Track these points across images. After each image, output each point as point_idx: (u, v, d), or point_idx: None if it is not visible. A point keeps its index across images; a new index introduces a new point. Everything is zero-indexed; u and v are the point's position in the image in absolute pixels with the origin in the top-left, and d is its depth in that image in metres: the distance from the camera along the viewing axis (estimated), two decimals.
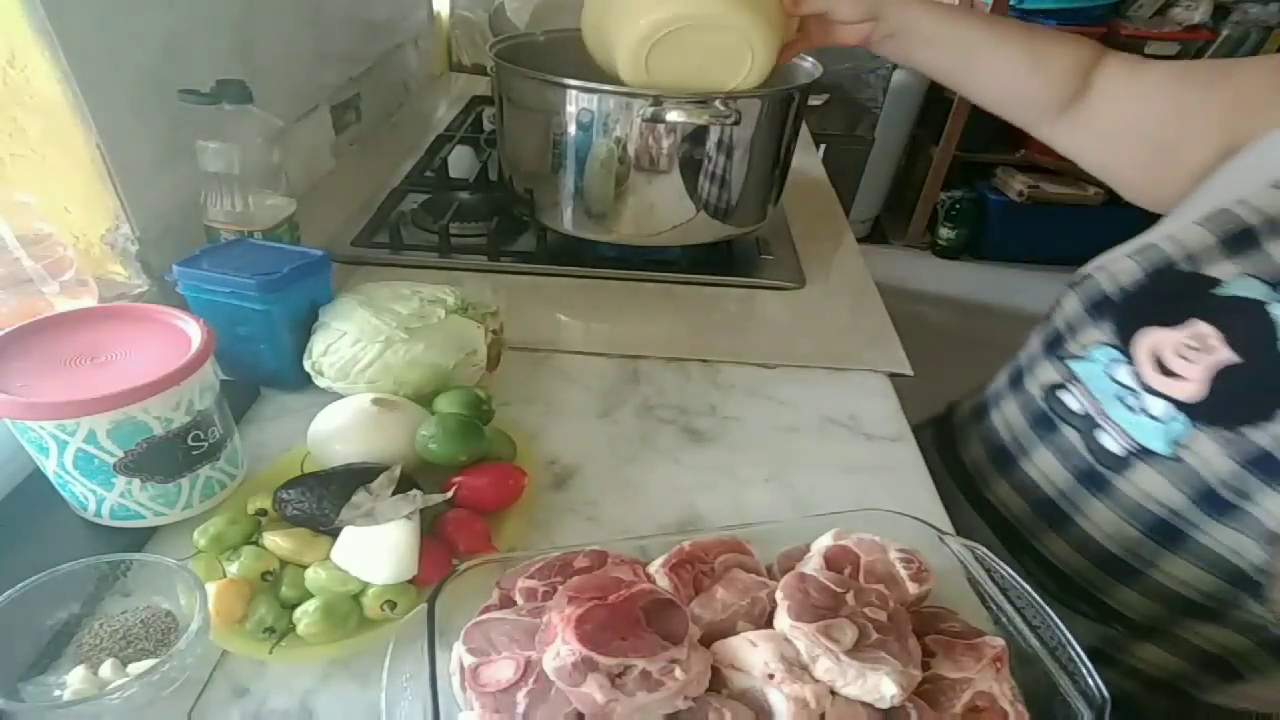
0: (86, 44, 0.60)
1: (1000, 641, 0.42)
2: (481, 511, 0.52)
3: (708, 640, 0.40)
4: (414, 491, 0.50)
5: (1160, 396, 0.55)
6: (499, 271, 0.87)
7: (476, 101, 1.37)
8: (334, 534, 0.48)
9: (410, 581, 0.46)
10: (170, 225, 0.72)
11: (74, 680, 0.41)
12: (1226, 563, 0.55)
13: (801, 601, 0.41)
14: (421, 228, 0.94)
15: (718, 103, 0.74)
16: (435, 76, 1.57)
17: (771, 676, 0.37)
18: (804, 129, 1.28)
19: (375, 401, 0.56)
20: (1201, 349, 0.53)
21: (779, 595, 0.42)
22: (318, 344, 0.62)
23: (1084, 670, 0.39)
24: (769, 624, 0.42)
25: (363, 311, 0.61)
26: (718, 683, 0.39)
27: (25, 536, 0.51)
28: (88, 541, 0.50)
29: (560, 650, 0.36)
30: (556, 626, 0.37)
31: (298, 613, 0.44)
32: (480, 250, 0.90)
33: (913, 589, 0.45)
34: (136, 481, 0.48)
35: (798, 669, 0.38)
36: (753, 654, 0.38)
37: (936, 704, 0.39)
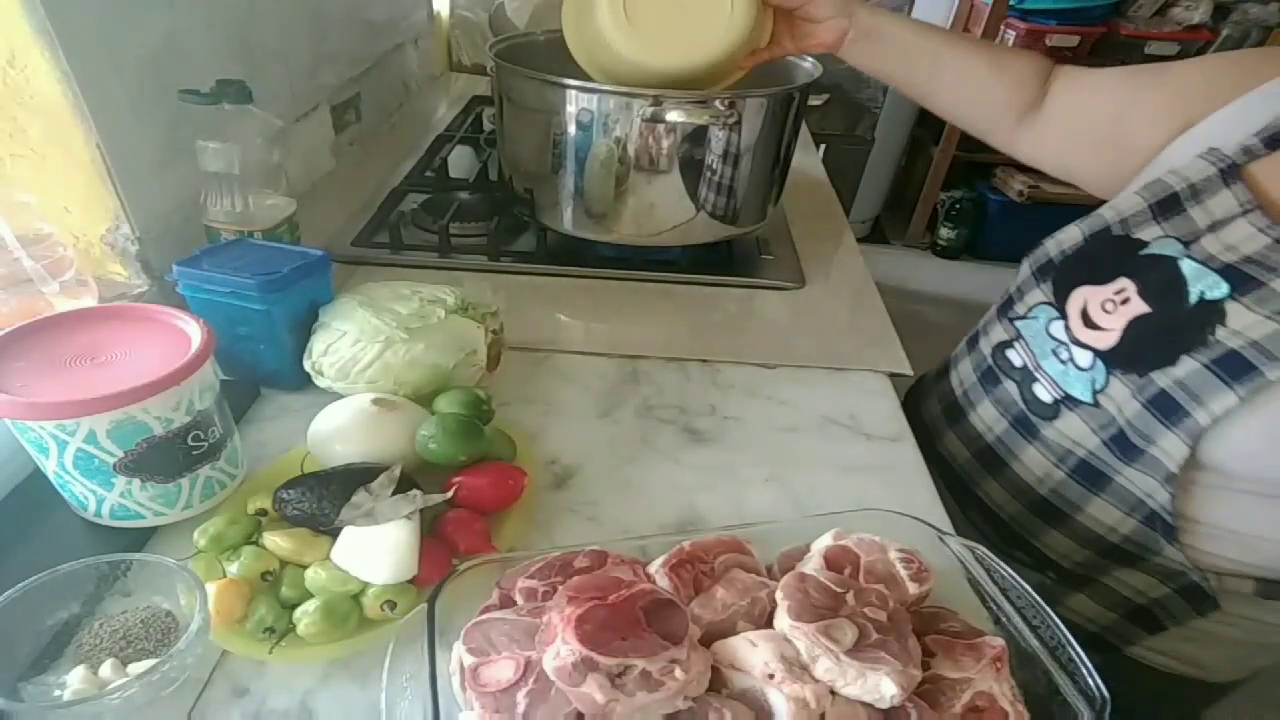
0: (86, 44, 0.60)
1: (1000, 641, 0.42)
2: (481, 511, 0.52)
3: (708, 640, 0.40)
4: (414, 491, 0.50)
5: (1085, 347, 0.60)
6: (499, 271, 0.87)
7: (476, 101, 1.37)
8: (334, 534, 0.48)
9: (410, 581, 0.46)
10: (170, 225, 0.72)
11: (74, 680, 0.41)
12: (1143, 505, 0.59)
13: (801, 601, 0.41)
14: (421, 228, 0.94)
15: (718, 103, 0.74)
16: (435, 76, 1.57)
17: (771, 676, 0.37)
18: (804, 129, 1.28)
19: (375, 401, 0.56)
20: (1121, 302, 0.59)
21: (779, 595, 0.42)
22: (318, 344, 0.62)
23: (1084, 670, 0.39)
24: (769, 624, 0.42)
25: (363, 311, 0.61)
26: (718, 683, 0.39)
27: (25, 536, 0.51)
28: (88, 541, 0.50)
29: (560, 650, 0.36)
30: (556, 626, 0.37)
31: (298, 613, 0.44)
32: (480, 250, 0.90)
33: (913, 589, 0.45)
34: (136, 481, 0.48)
35: (798, 669, 0.38)
36: (753, 654, 0.38)
37: (936, 704, 0.39)
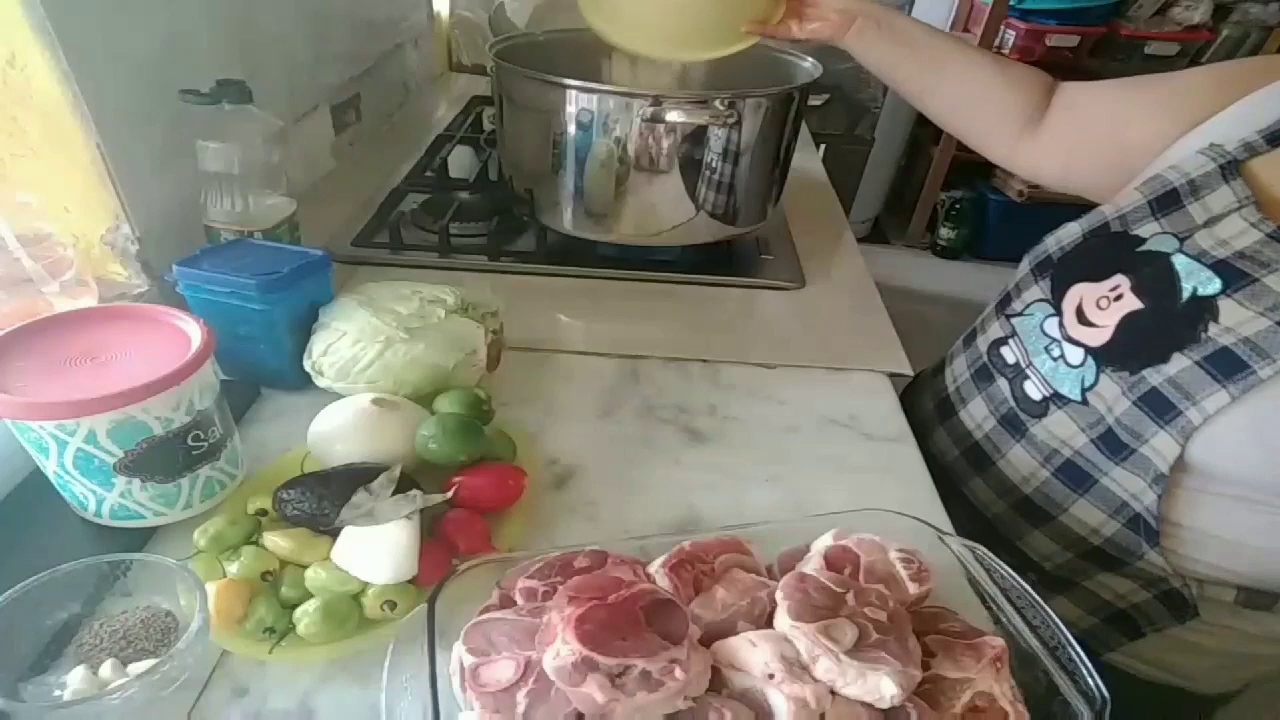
0: (86, 44, 0.60)
1: (1000, 641, 0.42)
2: (481, 511, 0.52)
3: (708, 640, 0.40)
4: (414, 491, 0.50)
5: (1077, 344, 0.60)
6: (499, 271, 0.87)
7: (476, 101, 1.37)
8: (334, 534, 0.48)
9: (410, 581, 0.46)
10: (170, 225, 0.72)
11: (74, 680, 0.41)
12: (1127, 508, 0.59)
13: (801, 601, 0.41)
14: (421, 228, 0.94)
15: (718, 103, 0.74)
16: (435, 76, 1.57)
17: (771, 676, 0.37)
18: (804, 129, 1.28)
19: (375, 401, 0.56)
20: (1115, 299, 0.58)
21: (779, 595, 0.42)
22: (318, 344, 0.62)
23: (1084, 670, 0.39)
24: (769, 624, 0.42)
25: (363, 311, 0.61)
26: (718, 683, 0.39)
27: (25, 536, 0.51)
28: (88, 541, 0.50)
29: (560, 650, 0.36)
30: (556, 626, 0.37)
31: (298, 613, 0.44)
32: (480, 250, 0.90)
33: (913, 589, 0.45)
34: (136, 481, 0.48)
35: (798, 669, 0.38)
36: (753, 654, 0.38)
37: (936, 704, 0.39)
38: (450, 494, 0.51)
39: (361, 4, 1.16)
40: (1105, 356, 0.58)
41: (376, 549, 0.46)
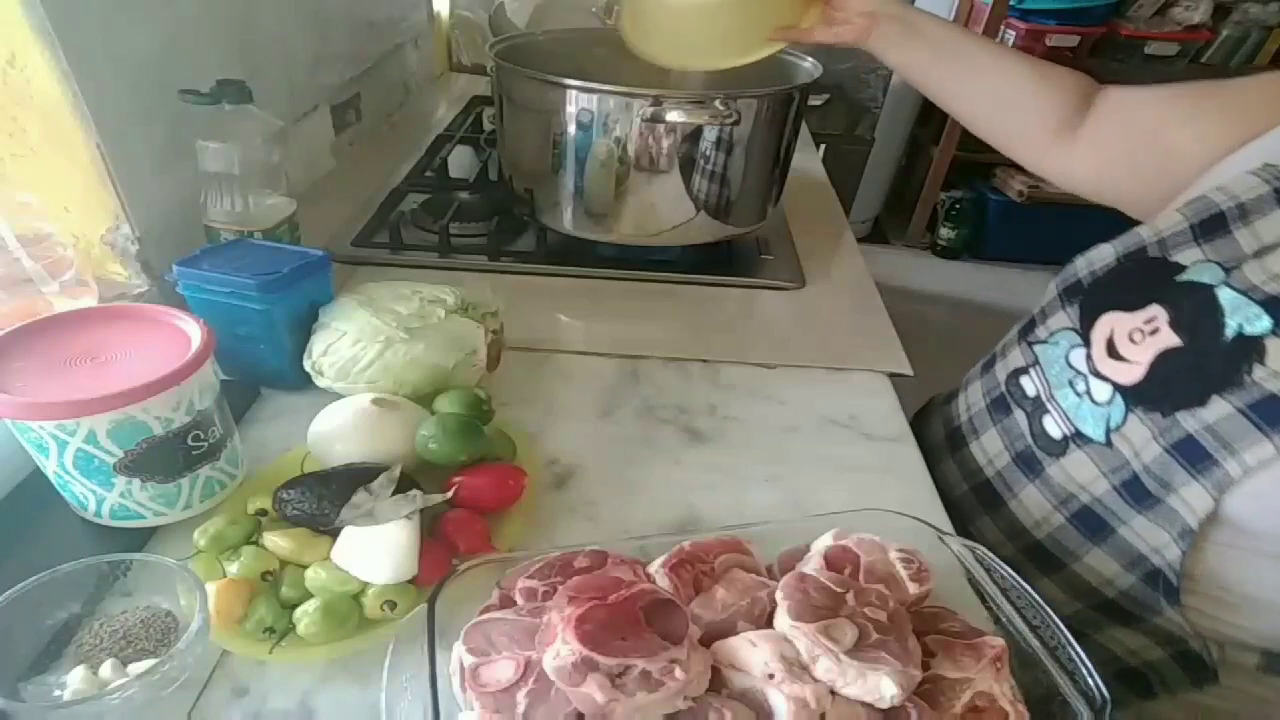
0: (86, 44, 0.60)
1: (1000, 641, 0.42)
2: (481, 511, 0.52)
3: (708, 640, 0.40)
4: (414, 491, 0.50)
5: (1105, 380, 0.55)
6: (499, 271, 0.87)
7: (476, 101, 1.37)
8: (334, 534, 0.48)
9: (410, 581, 0.46)
10: (170, 225, 0.72)
11: (74, 680, 0.41)
12: (1146, 562, 0.54)
13: (801, 601, 0.41)
14: (421, 228, 0.94)
15: (717, 103, 0.74)
16: (435, 76, 1.57)
17: (771, 676, 0.37)
18: (804, 129, 1.28)
19: (375, 401, 0.56)
20: (1150, 333, 0.53)
21: (779, 595, 0.42)
22: (318, 344, 0.62)
23: (1084, 670, 0.39)
24: (769, 624, 0.42)
25: (363, 311, 0.61)
26: (718, 683, 0.39)
27: (25, 536, 0.51)
28: (88, 541, 0.50)
29: (560, 650, 0.36)
30: (556, 626, 0.37)
31: (298, 613, 0.44)
32: (480, 250, 0.90)
33: (913, 589, 0.45)
34: (136, 481, 0.48)
35: (798, 669, 0.38)
36: (753, 654, 0.38)
37: (936, 704, 0.39)
38: (450, 494, 0.51)
39: (361, 4, 1.16)
40: (1135, 396, 0.52)
41: (376, 549, 0.46)
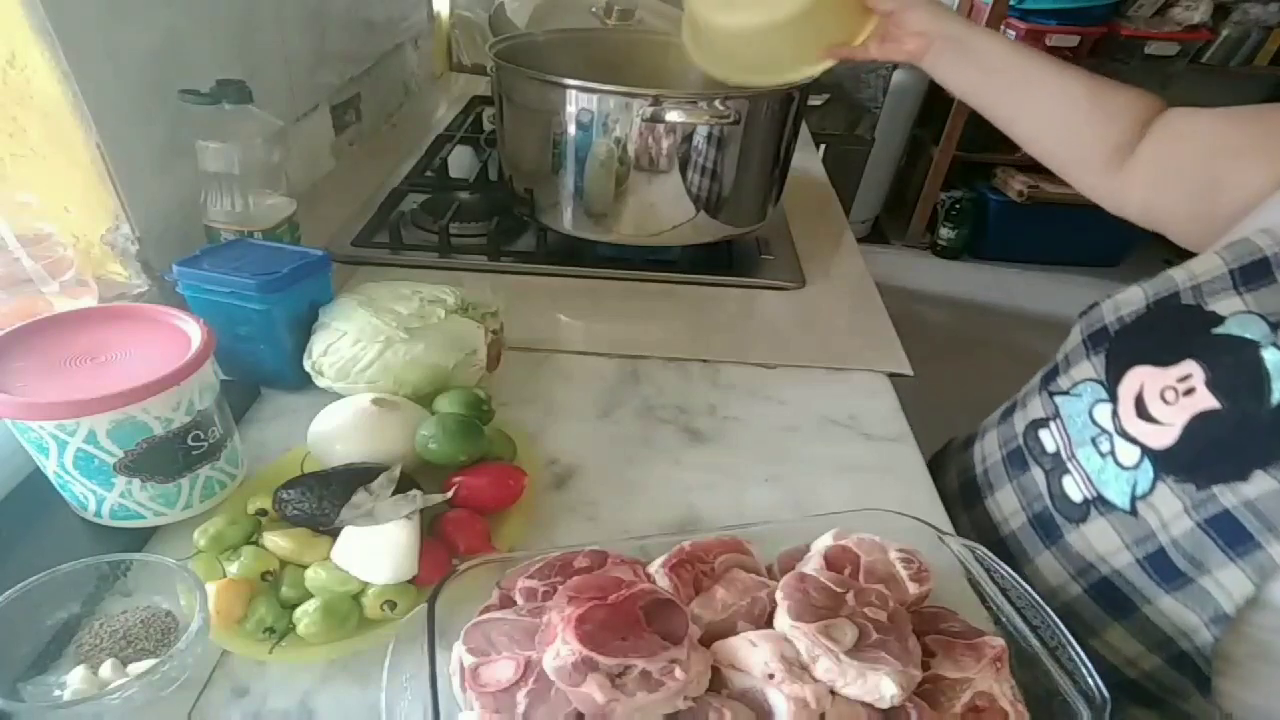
0: (86, 44, 0.60)
1: (1000, 641, 0.42)
2: (481, 511, 0.52)
3: (708, 640, 0.40)
4: (414, 491, 0.50)
5: (1133, 442, 0.50)
6: (499, 271, 0.87)
7: (476, 101, 1.37)
8: (334, 534, 0.48)
9: (410, 581, 0.46)
10: (170, 225, 0.72)
11: (74, 680, 0.41)
12: (1173, 645, 0.49)
13: (801, 601, 0.41)
14: (421, 228, 0.94)
15: (717, 103, 0.74)
16: (435, 76, 1.57)
17: (771, 676, 0.37)
18: (804, 129, 1.28)
19: (375, 401, 0.56)
20: (1184, 393, 0.48)
21: (779, 595, 0.42)
22: (318, 344, 0.62)
23: (1084, 670, 0.39)
24: (769, 624, 0.42)
25: (363, 311, 0.61)
26: (718, 683, 0.39)
27: (25, 536, 0.50)
28: (88, 541, 0.50)
29: (560, 650, 0.36)
30: (556, 626, 0.37)
31: (298, 613, 0.44)
32: (480, 250, 0.89)
33: (913, 589, 0.45)
34: (136, 481, 0.48)
35: (798, 669, 0.38)
36: (753, 654, 0.38)
37: (936, 704, 0.39)
38: (450, 494, 0.51)
39: (361, 4, 1.16)
40: (1166, 462, 0.48)
41: (376, 549, 0.46)
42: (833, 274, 0.93)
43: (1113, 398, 0.52)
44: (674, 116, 0.74)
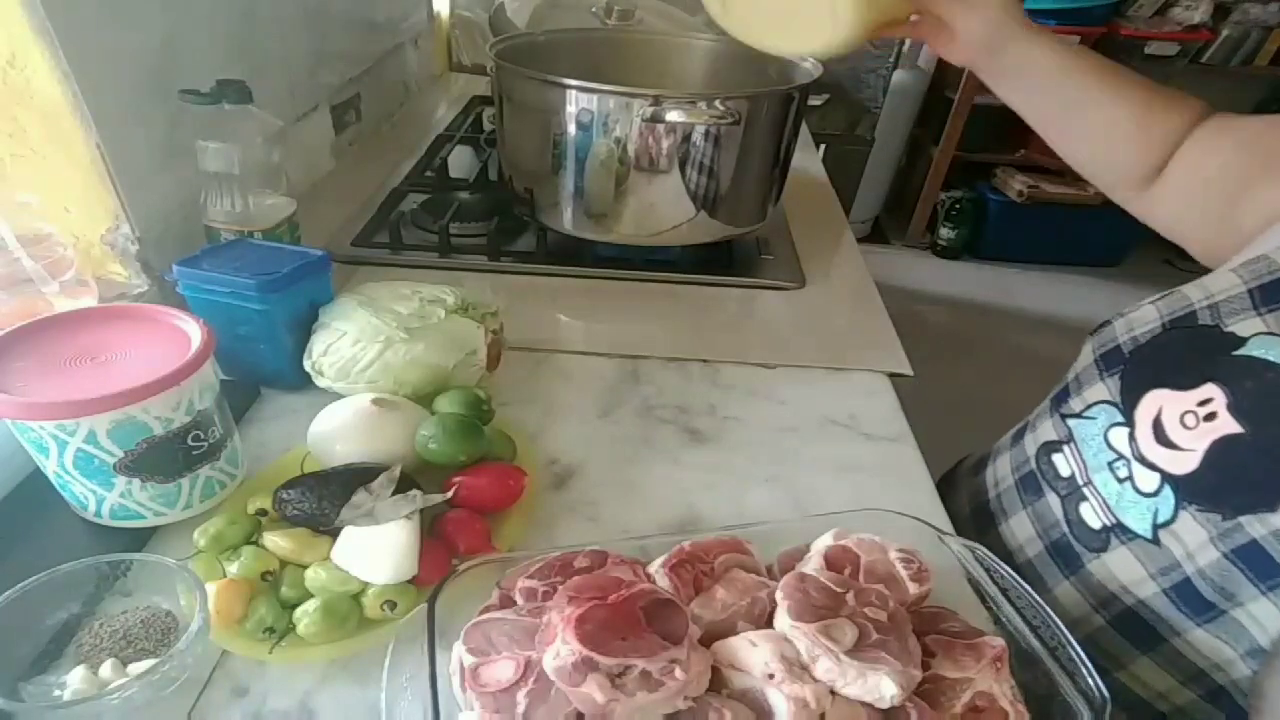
0: (86, 44, 0.60)
1: (1000, 641, 0.42)
2: (481, 511, 0.52)
3: (708, 640, 0.40)
4: (414, 491, 0.50)
5: (1152, 468, 0.48)
6: (499, 271, 0.87)
7: (476, 101, 1.37)
8: (334, 534, 0.48)
9: (410, 581, 0.46)
10: (170, 225, 0.72)
11: (74, 680, 0.41)
12: (1207, 679, 0.48)
13: (801, 601, 0.41)
14: (421, 228, 0.94)
15: (717, 103, 0.74)
16: (435, 76, 1.57)
17: (771, 676, 0.37)
18: (804, 129, 1.28)
19: (375, 401, 0.56)
20: (1205, 417, 0.46)
21: (779, 595, 0.42)
22: (318, 344, 0.62)
23: (1084, 670, 0.39)
24: (769, 624, 0.42)
25: (363, 311, 0.61)
26: (718, 683, 0.39)
27: (25, 536, 0.50)
28: (88, 541, 0.50)
29: (560, 650, 0.36)
30: (556, 626, 0.37)
31: (298, 613, 0.44)
32: (480, 250, 0.89)
33: (913, 589, 0.45)
34: (136, 481, 0.48)
35: (798, 669, 0.38)
36: (753, 654, 0.38)
37: (936, 704, 0.39)
38: (450, 494, 0.51)
39: (361, 4, 1.16)
40: (1188, 489, 0.46)
41: (376, 549, 0.46)
42: (833, 274, 0.93)
43: (1129, 421, 0.50)
44: (674, 116, 0.74)
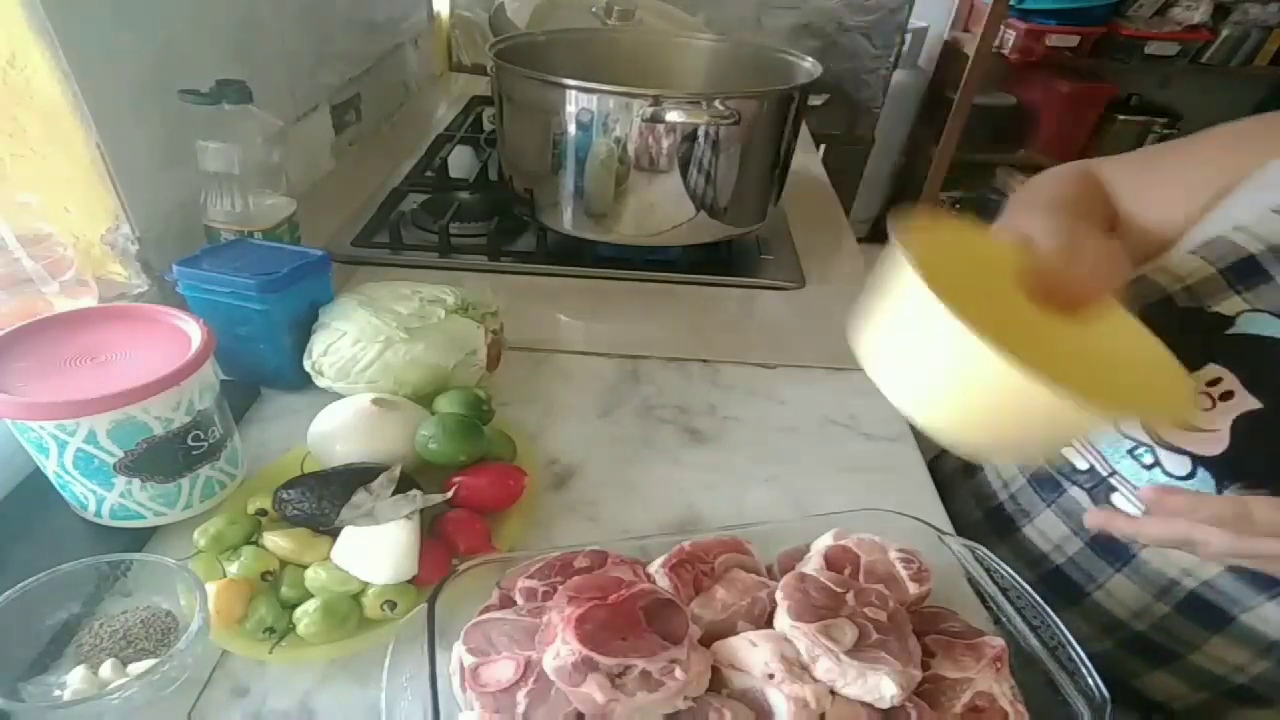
0: (86, 44, 0.60)
1: (1000, 641, 0.42)
2: (481, 511, 0.52)
3: (708, 640, 0.40)
4: (414, 491, 0.50)
5: (1179, 452, 0.49)
6: (499, 271, 0.87)
7: (476, 101, 1.37)
8: (334, 534, 0.48)
9: (410, 581, 0.46)
10: (170, 225, 0.72)
11: (74, 680, 0.41)
12: None
13: (801, 601, 0.41)
14: (421, 228, 0.94)
15: (718, 103, 0.74)
16: (435, 76, 1.57)
17: (771, 676, 0.37)
18: (804, 129, 1.28)
19: (375, 401, 0.56)
20: (1220, 396, 0.47)
21: (779, 595, 0.42)
22: (318, 344, 0.62)
23: (1084, 670, 0.39)
24: (769, 624, 0.42)
25: (363, 311, 0.61)
26: (718, 683, 0.39)
27: (25, 536, 0.50)
28: (88, 541, 0.50)
29: (560, 650, 0.36)
30: (556, 626, 0.37)
31: (298, 613, 0.44)
32: (480, 250, 0.89)
33: (913, 589, 0.45)
34: (136, 481, 0.48)
35: (798, 669, 0.38)
36: (753, 654, 0.38)
37: (936, 704, 0.39)
38: (450, 494, 0.51)
39: (361, 4, 1.16)
40: (1225, 469, 0.47)
41: (376, 549, 0.46)
42: (833, 274, 0.93)
43: None
44: (674, 116, 0.74)
